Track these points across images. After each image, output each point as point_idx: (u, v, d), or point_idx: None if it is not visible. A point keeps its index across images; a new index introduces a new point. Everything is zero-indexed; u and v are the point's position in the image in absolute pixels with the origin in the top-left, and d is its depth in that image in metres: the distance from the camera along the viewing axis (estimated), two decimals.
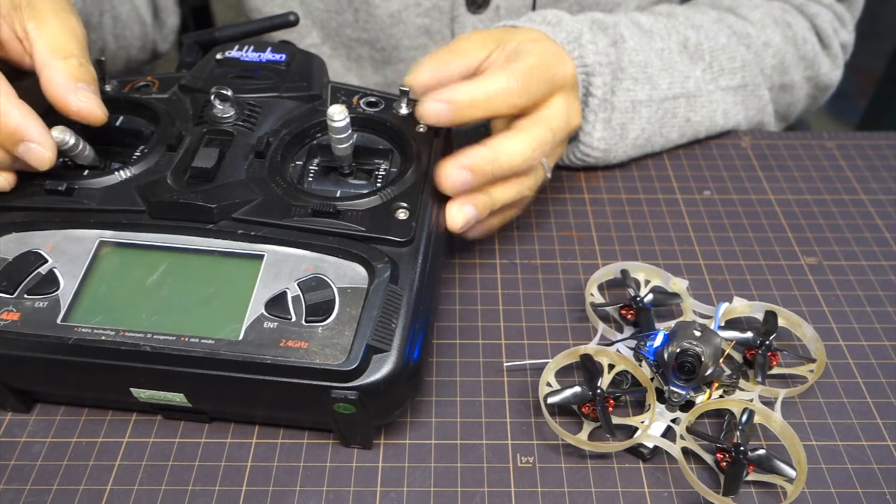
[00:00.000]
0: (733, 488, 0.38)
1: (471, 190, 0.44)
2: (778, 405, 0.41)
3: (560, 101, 0.49)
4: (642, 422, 0.41)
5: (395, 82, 0.72)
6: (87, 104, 0.42)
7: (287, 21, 0.55)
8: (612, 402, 0.41)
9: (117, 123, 0.48)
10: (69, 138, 0.42)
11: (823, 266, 0.52)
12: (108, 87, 0.49)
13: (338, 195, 0.44)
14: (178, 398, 0.39)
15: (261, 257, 0.40)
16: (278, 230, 0.41)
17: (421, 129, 0.47)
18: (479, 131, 0.57)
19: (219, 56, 0.51)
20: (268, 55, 0.51)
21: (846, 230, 0.55)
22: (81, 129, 0.47)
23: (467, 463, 0.41)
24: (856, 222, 0.56)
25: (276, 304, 0.39)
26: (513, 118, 0.48)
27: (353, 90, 0.50)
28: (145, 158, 0.44)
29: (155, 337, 0.37)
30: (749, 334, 0.45)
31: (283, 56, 0.50)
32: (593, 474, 0.40)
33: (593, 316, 0.47)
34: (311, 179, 0.46)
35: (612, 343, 0.45)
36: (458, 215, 0.44)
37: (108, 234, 0.41)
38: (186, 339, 0.37)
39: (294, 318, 0.38)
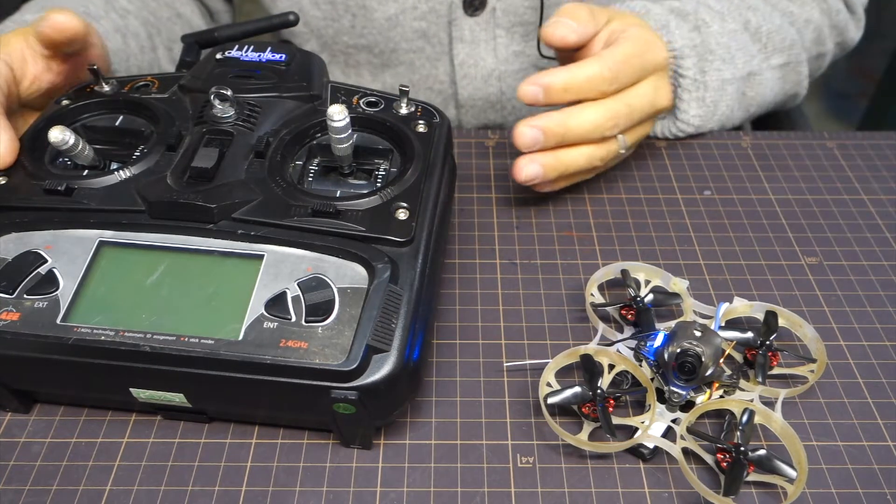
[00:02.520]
0: (734, 488, 0.38)
1: (542, 149, 0.50)
2: (778, 405, 0.41)
3: (647, 84, 0.53)
4: (642, 422, 0.41)
5: (393, 87, 0.72)
6: None
7: (287, 21, 0.55)
8: (612, 402, 0.41)
9: (117, 123, 0.48)
10: (69, 138, 0.42)
11: (824, 266, 0.52)
12: (106, 87, 0.49)
13: (338, 195, 0.44)
14: (177, 398, 0.39)
15: (261, 257, 0.40)
16: (278, 230, 0.41)
17: (421, 129, 0.47)
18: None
19: (218, 56, 0.51)
20: (267, 55, 0.51)
21: (847, 230, 0.55)
22: (81, 129, 0.48)
23: (467, 463, 0.41)
24: (856, 222, 0.56)
25: (276, 304, 0.39)
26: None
27: (352, 90, 0.50)
28: (145, 158, 0.44)
29: (155, 337, 0.37)
30: (749, 334, 0.45)
31: (283, 56, 0.50)
32: (593, 474, 0.40)
33: (593, 316, 0.47)
34: (311, 179, 0.46)
35: (612, 343, 0.45)
36: (524, 168, 0.50)
37: (108, 234, 0.41)
38: (186, 340, 0.37)
39: (294, 319, 0.38)
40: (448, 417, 0.43)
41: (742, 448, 0.39)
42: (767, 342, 0.44)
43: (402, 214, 0.41)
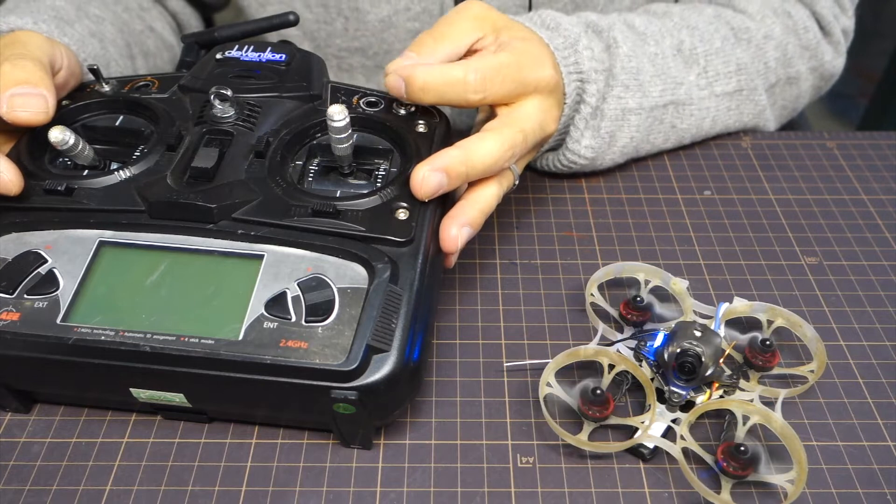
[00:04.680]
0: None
1: (447, 190, 0.43)
2: (778, 405, 0.41)
3: (534, 104, 0.47)
4: (642, 422, 0.41)
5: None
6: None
7: (287, 21, 0.55)
8: (612, 402, 0.41)
9: (117, 123, 0.48)
10: (69, 138, 0.42)
11: (824, 266, 0.52)
12: (106, 87, 0.49)
13: (338, 195, 0.44)
14: (177, 398, 0.39)
15: (261, 257, 0.40)
16: (278, 230, 0.41)
17: (421, 129, 0.47)
18: None
19: (218, 56, 0.51)
20: (267, 55, 0.50)
21: (847, 230, 0.55)
22: (81, 129, 0.47)
23: (467, 463, 0.41)
24: (856, 222, 0.56)
25: (276, 304, 0.39)
26: (486, 120, 0.48)
27: (352, 90, 0.50)
28: (145, 158, 0.44)
29: (155, 337, 0.37)
30: (750, 334, 0.45)
31: (283, 56, 0.50)
32: (593, 474, 0.40)
33: (593, 316, 0.47)
34: (310, 179, 0.46)
35: (612, 343, 0.45)
36: (459, 237, 0.43)
37: (108, 234, 0.41)
38: (186, 340, 0.37)
39: (294, 319, 0.38)
40: (448, 417, 0.43)
41: (742, 448, 0.38)
42: (768, 342, 0.44)
43: (402, 214, 0.41)
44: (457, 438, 0.42)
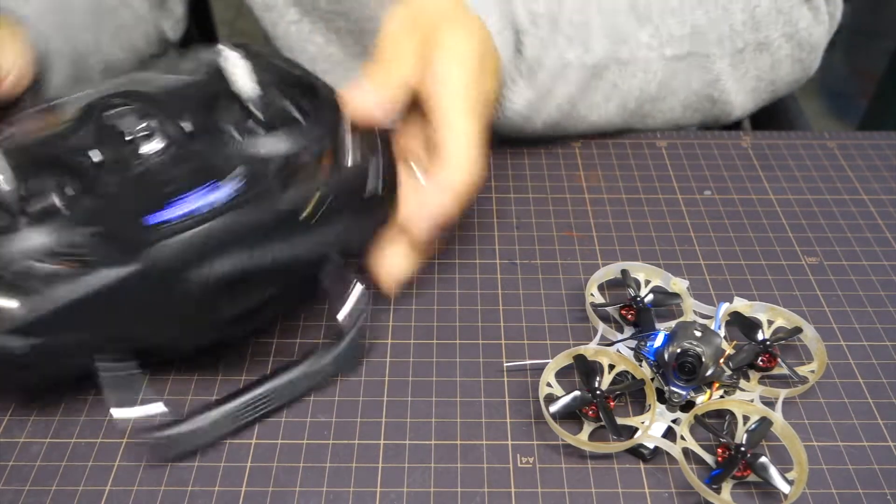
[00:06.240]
0: (717, 480, 0.38)
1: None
2: (778, 405, 0.41)
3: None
4: (643, 422, 0.41)
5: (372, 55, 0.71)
6: None
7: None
8: (612, 402, 0.41)
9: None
10: None
11: (824, 266, 0.52)
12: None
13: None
14: None
15: None
16: None
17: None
18: None
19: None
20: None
21: (847, 230, 0.55)
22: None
23: (467, 463, 0.41)
24: (857, 222, 0.56)
25: None
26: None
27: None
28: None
29: None
30: (760, 336, 0.45)
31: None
32: (594, 475, 0.40)
33: (593, 316, 0.47)
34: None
35: (612, 343, 0.45)
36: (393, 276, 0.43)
37: None
38: None
39: None
40: (448, 417, 0.43)
41: (742, 448, 0.38)
42: (768, 342, 0.44)
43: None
44: (457, 438, 0.42)
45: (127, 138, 0.38)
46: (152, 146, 0.38)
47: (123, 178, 0.37)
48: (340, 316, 0.43)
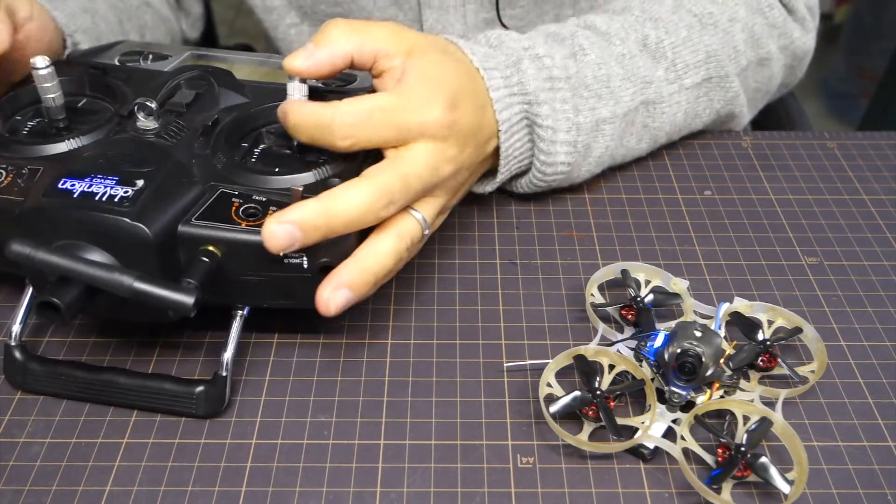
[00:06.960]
0: (717, 480, 0.38)
1: (303, 248, 0.40)
2: (779, 405, 0.41)
3: (422, 148, 0.43)
4: (643, 422, 0.41)
5: None
6: None
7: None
8: (612, 402, 0.41)
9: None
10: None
11: (824, 266, 0.52)
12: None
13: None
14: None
15: None
16: None
17: None
18: None
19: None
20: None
21: (847, 230, 0.55)
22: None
23: (467, 463, 0.41)
24: (857, 222, 0.55)
25: None
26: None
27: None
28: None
29: None
30: (761, 337, 0.45)
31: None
32: (594, 475, 0.40)
33: (593, 316, 0.47)
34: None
35: (612, 343, 0.45)
36: (333, 300, 0.40)
37: None
38: None
39: None
40: (448, 417, 0.43)
41: (742, 448, 0.38)
42: (768, 342, 0.44)
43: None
44: (457, 438, 0.42)
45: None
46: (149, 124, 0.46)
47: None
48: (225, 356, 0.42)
